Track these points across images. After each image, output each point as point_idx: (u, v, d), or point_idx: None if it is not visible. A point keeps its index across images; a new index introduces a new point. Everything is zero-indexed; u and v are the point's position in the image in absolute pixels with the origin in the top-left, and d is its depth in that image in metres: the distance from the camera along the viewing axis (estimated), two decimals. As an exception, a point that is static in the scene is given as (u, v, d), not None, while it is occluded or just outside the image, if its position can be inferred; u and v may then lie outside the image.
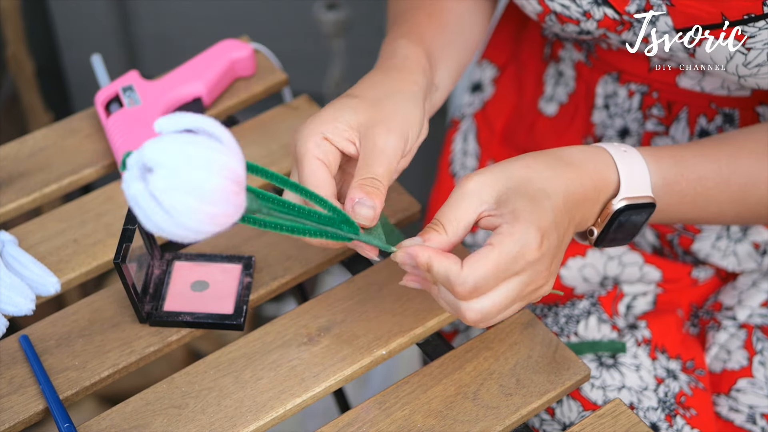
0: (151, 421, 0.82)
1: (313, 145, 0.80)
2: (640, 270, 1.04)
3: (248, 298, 0.89)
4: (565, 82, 1.08)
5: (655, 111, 1.02)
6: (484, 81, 1.17)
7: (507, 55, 1.15)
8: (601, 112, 1.05)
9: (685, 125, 1.00)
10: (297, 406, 0.83)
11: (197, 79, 1.02)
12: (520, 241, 0.73)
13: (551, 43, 1.09)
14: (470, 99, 1.18)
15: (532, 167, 0.78)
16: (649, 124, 1.02)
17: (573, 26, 0.94)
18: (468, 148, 1.16)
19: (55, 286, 0.89)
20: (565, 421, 0.95)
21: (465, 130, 1.17)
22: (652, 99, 1.01)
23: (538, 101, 1.11)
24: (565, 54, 1.07)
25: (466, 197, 0.76)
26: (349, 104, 0.82)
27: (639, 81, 1.01)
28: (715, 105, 0.98)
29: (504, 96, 1.15)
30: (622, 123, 1.04)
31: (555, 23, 0.94)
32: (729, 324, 1.00)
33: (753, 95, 0.96)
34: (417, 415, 0.82)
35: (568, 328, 0.99)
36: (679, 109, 1.00)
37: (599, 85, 1.04)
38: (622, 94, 1.03)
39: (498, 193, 0.76)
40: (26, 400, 0.83)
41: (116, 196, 0.98)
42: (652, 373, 0.96)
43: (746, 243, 1.03)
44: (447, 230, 0.76)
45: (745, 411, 0.96)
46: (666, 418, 0.94)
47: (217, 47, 1.04)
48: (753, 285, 1.02)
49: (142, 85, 1.01)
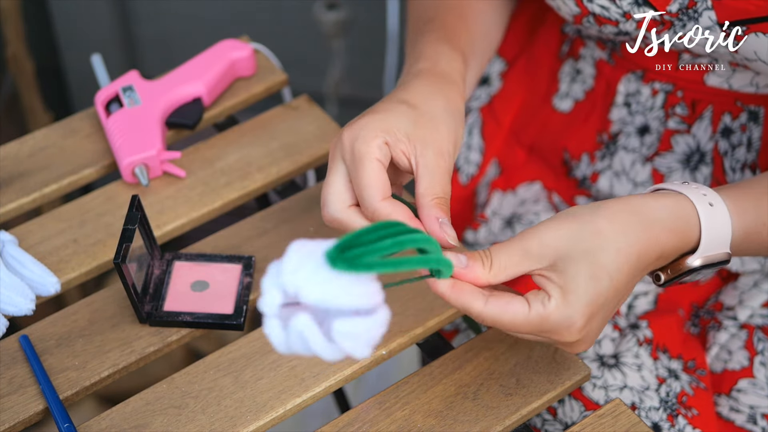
0: (151, 421, 0.82)
1: (376, 147, 0.79)
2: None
3: (248, 298, 0.89)
4: (582, 80, 1.08)
5: (678, 110, 1.01)
6: (492, 75, 1.16)
7: (516, 49, 1.15)
8: (620, 110, 1.05)
9: (708, 123, 1.00)
10: (297, 406, 0.83)
11: (197, 79, 1.02)
12: (560, 322, 0.74)
13: (571, 40, 1.09)
14: (477, 92, 1.17)
15: (604, 234, 0.75)
16: (671, 123, 1.02)
17: (611, 27, 0.92)
18: (472, 142, 1.15)
19: (55, 286, 0.89)
20: (567, 421, 0.95)
21: (470, 124, 1.17)
22: (676, 98, 1.01)
23: (552, 98, 1.11)
24: (586, 52, 1.07)
25: (526, 256, 0.75)
26: (407, 114, 0.81)
27: (664, 80, 1.00)
28: (741, 102, 0.98)
29: (513, 91, 1.14)
30: (643, 120, 1.03)
31: (593, 25, 0.93)
32: (730, 324, 1.00)
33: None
34: (417, 415, 0.82)
35: None
36: (704, 107, 1.00)
37: (621, 84, 1.04)
38: (646, 92, 1.02)
39: (557, 257, 0.74)
40: (26, 400, 0.83)
41: (116, 196, 0.98)
42: (653, 373, 0.96)
43: None
44: (491, 270, 0.75)
45: (745, 411, 0.96)
46: (668, 417, 0.94)
47: (217, 47, 1.04)
48: (754, 285, 1.02)
49: (142, 85, 1.01)
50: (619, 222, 0.75)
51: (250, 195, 0.99)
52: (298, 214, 0.96)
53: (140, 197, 0.96)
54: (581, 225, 0.75)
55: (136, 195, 0.86)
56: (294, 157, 1.00)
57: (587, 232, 0.74)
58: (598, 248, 0.74)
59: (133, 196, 0.86)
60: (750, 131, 0.99)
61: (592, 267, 0.74)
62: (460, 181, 1.16)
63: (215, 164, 1.00)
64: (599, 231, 0.75)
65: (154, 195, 0.97)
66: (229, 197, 0.98)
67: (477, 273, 0.75)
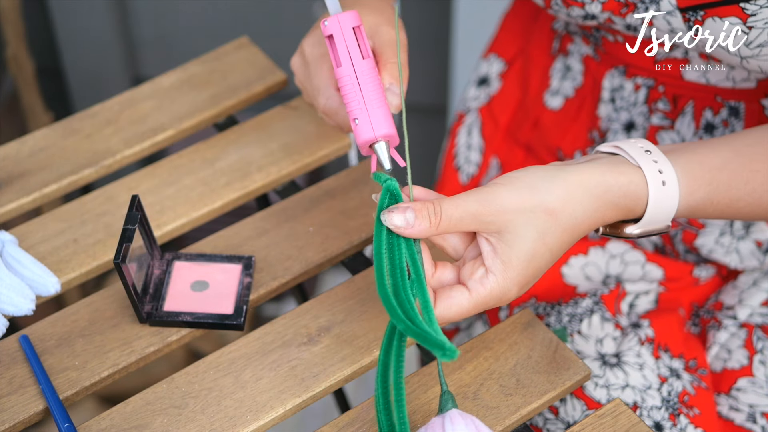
0: (151, 421, 0.82)
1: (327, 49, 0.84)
2: (642, 268, 1.04)
3: (248, 298, 0.89)
4: (572, 77, 1.08)
5: (660, 105, 1.02)
6: (491, 75, 1.17)
7: (515, 50, 1.15)
8: (607, 106, 1.05)
9: (691, 119, 1.00)
10: (297, 406, 0.83)
11: None
12: (498, 296, 0.76)
13: (560, 37, 1.09)
14: (476, 93, 1.18)
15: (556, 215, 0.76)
16: (655, 118, 1.02)
17: (578, 9, 0.93)
18: (472, 142, 1.16)
19: (56, 286, 0.89)
20: (569, 420, 0.95)
21: (470, 124, 1.17)
22: (658, 93, 1.01)
23: (543, 95, 1.11)
24: (573, 48, 1.08)
25: (477, 219, 0.76)
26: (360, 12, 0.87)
27: (645, 75, 1.01)
28: (721, 98, 0.98)
29: (510, 91, 1.15)
30: (628, 117, 1.04)
31: (561, 7, 0.94)
32: (729, 323, 1.00)
33: (758, 87, 0.96)
34: (417, 415, 0.82)
35: (572, 327, 0.99)
36: (685, 102, 1.00)
37: (606, 79, 1.04)
38: (629, 87, 1.03)
39: (506, 229, 0.76)
40: (26, 400, 0.83)
41: (116, 196, 0.98)
42: (655, 372, 0.96)
43: (749, 241, 1.03)
44: (438, 227, 0.76)
45: (745, 410, 0.96)
46: (670, 417, 0.94)
47: None
48: (754, 284, 1.02)
49: None
50: (572, 201, 0.77)
51: (250, 195, 0.99)
52: (298, 214, 0.96)
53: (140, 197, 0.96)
54: (537, 203, 0.76)
55: (136, 195, 0.86)
56: (294, 157, 1.01)
57: (540, 211, 0.76)
58: (548, 230, 0.76)
59: (133, 196, 0.86)
60: (732, 126, 0.99)
61: (536, 245, 0.76)
62: (460, 181, 1.16)
63: (215, 164, 1.00)
64: (552, 211, 0.77)
65: (154, 195, 0.97)
66: (229, 197, 0.98)
67: (422, 231, 0.76)
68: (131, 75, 1.88)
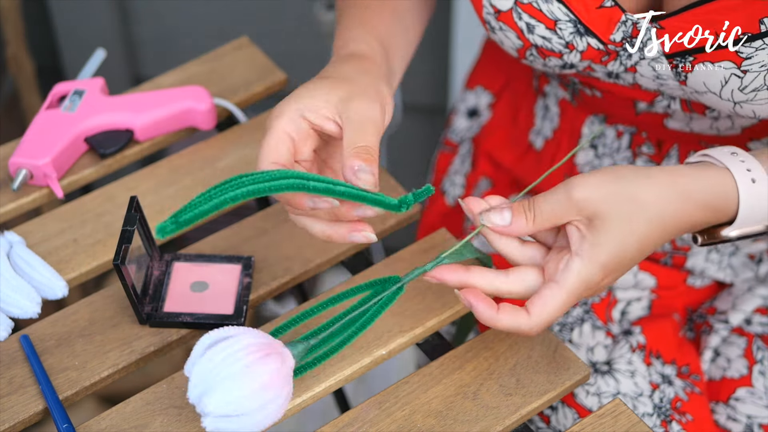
0: (151, 421, 0.82)
1: (287, 120, 0.80)
2: (635, 277, 1.04)
3: (248, 298, 0.89)
4: (550, 118, 1.07)
5: (645, 149, 1.01)
6: (480, 107, 1.16)
7: (501, 82, 1.15)
8: (587, 153, 1.04)
9: (676, 161, 1.00)
10: (297, 406, 0.83)
11: (138, 112, 1.00)
12: (584, 279, 0.76)
13: (538, 76, 1.08)
14: (468, 124, 1.18)
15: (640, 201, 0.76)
16: (639, 162, 1.01)
17: (556, 60, 0.91)
18: (460, 168, 1.17)
19: (63, 290, 0.90)
20: (560, 428, 0.95)
21: (464, 154, 1.17)
22: (641, 138, 1.00)
23: (528, 133, 1.11)
24: (550, 90, 1.06)
25: (571, 209, 0.76)
26: (324, 83, 0.82)
27: (627, 123, 1.00)
28: (705, 143, 0.97)
29: (499, 121, 1.15)
30: (611, 162, 1.03)
31: (537, 58, 0.92)
32: (721, 327, 1.00)
33: (743, 133, 0.95)
34: (417, 415, 0.82)
35: (562, 336, 0.99)
36: (670, 146, 0.99)
37: (585, 126, 1.03)
38: (611, 134, 1.02)
39: (595, 215, 0.76)
40: (26, 400, 0.83)
41: (116, 196, 0.98)
42: (647, 379, 0.96)
43: (741, 255, 1.03)
44: (534, 222, 0.77)
45: (743, 421, 0.95)
46: (662, 423, 0.94)
47: (182, 91, 1.02)
48: (749, 290, 1.02)
49: (94, 95, 1.01)
50: (656, 193, 0.77)
51: (250, 195, 0.99)
52: (298, 214, 0.96)
53: (140, 197, 0.96)
54: (621, 187, 0.76)
55: (134, 196, 0.86)
56: (294, 157, 1.00)
57: (625, 196, 0.76)
58: (634, 216, 0.76)
59: (131, 197, 0.86)
60: None
61: (624, 232, 0.76)
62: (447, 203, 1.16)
63: (215, 164, 1.00)
64: (636, 197, 0.76)
65: (154, 195, 0.97)
66: (229, 197, 0.97)
67: (519, 229, 0.77)
68: (131, 75, 1.88)
